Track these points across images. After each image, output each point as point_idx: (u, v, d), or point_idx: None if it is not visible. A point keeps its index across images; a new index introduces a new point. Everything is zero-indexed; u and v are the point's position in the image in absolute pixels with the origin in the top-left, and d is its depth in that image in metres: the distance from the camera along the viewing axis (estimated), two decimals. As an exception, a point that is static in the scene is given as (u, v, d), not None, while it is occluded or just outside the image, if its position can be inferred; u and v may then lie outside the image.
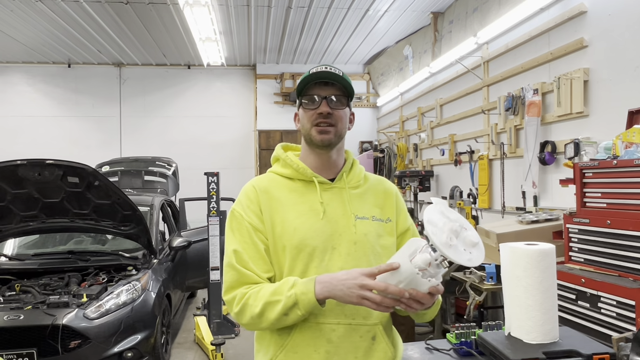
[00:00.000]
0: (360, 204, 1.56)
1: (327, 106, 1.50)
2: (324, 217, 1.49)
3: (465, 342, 1.76)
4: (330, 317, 1.44)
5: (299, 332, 1.45)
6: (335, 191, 1.55)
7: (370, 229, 1.53)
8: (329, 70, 1.51)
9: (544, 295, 1.54)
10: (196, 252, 5.64)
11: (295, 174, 1.56)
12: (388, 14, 6.97)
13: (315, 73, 1.51)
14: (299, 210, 1.50)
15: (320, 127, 1.50)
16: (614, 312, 2.56)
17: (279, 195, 1.53)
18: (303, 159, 1.59)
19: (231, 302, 1.46)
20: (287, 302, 1.36)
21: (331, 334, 1.44)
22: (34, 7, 6.55)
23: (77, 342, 3.65)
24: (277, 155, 1.63)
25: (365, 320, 1.47)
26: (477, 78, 5.69)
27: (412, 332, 4.76)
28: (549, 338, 1.55)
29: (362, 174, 1.63)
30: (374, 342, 1.48)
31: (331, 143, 1.52)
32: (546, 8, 4.42)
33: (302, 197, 1.53)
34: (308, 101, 1.52)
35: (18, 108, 9.68)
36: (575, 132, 4.00)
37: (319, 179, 1.54)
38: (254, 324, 1.44)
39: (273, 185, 1.56)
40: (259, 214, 1.51)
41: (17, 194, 4.13)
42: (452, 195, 5.89)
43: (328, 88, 1.51)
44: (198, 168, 8.29)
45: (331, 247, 1.47)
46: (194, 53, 8.98)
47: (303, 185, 1.55)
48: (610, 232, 2.75)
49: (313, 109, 1.51)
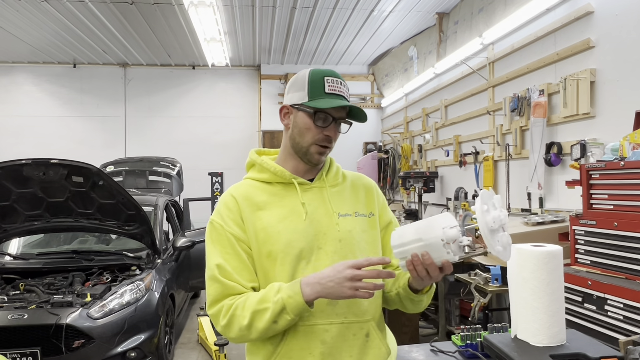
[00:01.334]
0: (341, 201, 1.55)
1: (335, 130, 1.50)
2: (306, 217, 1.48)
3: (471, 345, 1.75)
4: (322, 318, 1.42)
5: (291, 337, 1.42)
6: (315, 191, 1.53)
7: (355, 225, 1.52)
8: (343, 92, 1.48)
9: (551, 298, 1.52)
10: (200, 252, 5.63)
11: (274, 177, 1.53)
12: (393, 15, 6.96)
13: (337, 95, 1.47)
14: (280, 213, 1.48)
15: (322, 148, 1.49)
16: (621, 315, 2.53)
17: (259, 201, 1.50)
18: (281, 162, 1.56)
19: (217, 315, 1.41)
20: (275, 308, 1.33)
21: (324, 335, 1.42)
22: (39, 7, 6.58)
23: (80, 341, 3.65)
24: (252, 160, 1.60)
25: (358, 318, 1.46)
26: (482, 79, 5.66)
27: (416, 333, 4.74)
28: (556, 341, 1.53)
29: (340, 172, 1.63)
30: (368, 339, 1.47)
31: (324, 162, 1.56)
32: (552, 8, 4.39)
33: (282, 199, 1.51)
34: (322, 119, 1.47)
35: (23, 108, 9.72)
36: (582, 133, 3.97)
37: (299, 180, 1.53)
38: (243, 336, 1.39)
39: (252, 191, 1.53)
40: (240, 223, 1.47)
41: (21, 193, 4.14)
42: (457, 196, 5.86)
43: (341, 110, 1.49)
44: (202, 168, 8.33)
45: (317, 247, 1.46)
46: (199, 53, 8.99)
47: (282, 187, 1.53)
48: (617, 234, 2.72)
49: (322, 127, 1.48)
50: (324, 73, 1.49)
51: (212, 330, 5.11)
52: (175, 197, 6.93)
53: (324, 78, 1.47)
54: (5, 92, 9.71)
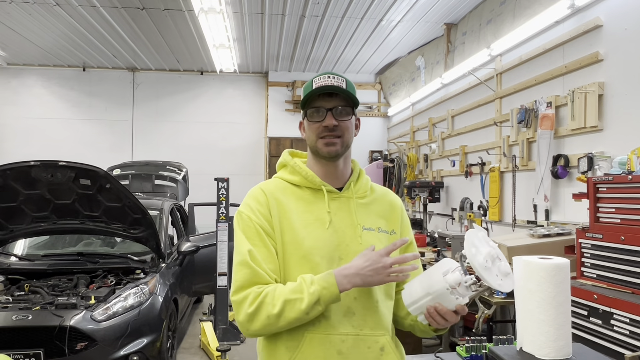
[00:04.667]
0: (366, 214, 1.55)
1: (333, 118, 1.49)
2: (329, 226, 1.48)
3: (476, 356, 1.74)
4: (339, 328, 1.43)
5: (308, 345, 1.42)
6: (342, 200, 1.54)
7: (376, 241, 1.52)
8: (332, 82, 1.48)
9: (557, 311, 1.51)
10: (204, 258, 5.64)
11: (304, 182, 1.54)
12: (401, 25, 6.99)
13: (320, 87, 1.49)
14: (306, 219, 1.49)
15: (327, 139, 1.50)
16: (627, 330, 2.52)
17: (287, 202, 1.51)
18: (310, 167, 1.58)
19: (242, 302, 1.39)
20: (311, 299, 1.35)
21: (341, 345, 1.42)
22: (51, 11, 6.65)
23: (83, 344, 3.66)
24: (284, 161, 1.61)
25: (373, 331, 1.46)
26: (489, 90, 5.67)
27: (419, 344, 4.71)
28: (562, 354, 1.52)
29: (368, 185, 1.63)
30: (383, 353, 1.46)
31: (338, 154, 1.52)
32: (561, 21, 4.40)
33: (309, 205, 1.52)
34: (313, 114, 1.51)
35: (33, 110, 9.80)
36: (589, 146, 3.96)
37: (328, 188, 1.53)
38: (269, 325, 1.37)
39: (281, 191, 1.54)
40: (268, 217, 1.49)
41: (29, 195, 4.16)
42: (463, 207, 5.85)
43: (333, 99, 1.50)
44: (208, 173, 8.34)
45: (338, 257, 1.46)
46: (207, 59, 9.05)
47: (311, 193, 1.54)
48: (624, 248, 2.71)
49: (319, 122, 1.50)
50: (316, 75, 1.53)
51: (214, 336, 5.11)
52: (180, 202, 6.95)
53: (313, 80, 1.51)
54: (15, 94, 9.80)
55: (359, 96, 1.56)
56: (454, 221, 6.32)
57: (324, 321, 1.42)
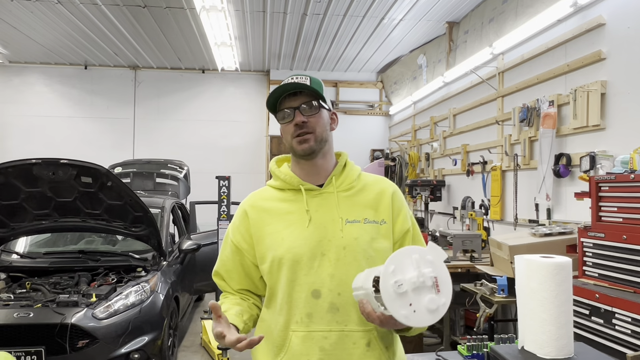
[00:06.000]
0: (350, 207, 1.54)
1: (301, 115, 1.51)
2: (310, 224, 1.49)
3: (477, 355, 1.74)
4: (322, 325, 1.44)
5: (293, 343, 1.45)
6: (324, 196, 1.54)
7: (362, 233, 1.50)
8: (293, 81, 1.52)
9: (559, 310, 1.51)
10: (205, 256, 5.65)
11: (284, 185, 1.58)
12: (403, 23, 6.97)
13: (281, 86, 1.52)
14: (288, 219, 1.52)
15: (299, 137, 1.51)
16: (628, 329, 2.51)
17: (270, 208, 1.56)
18: (293, 169, 1.61)
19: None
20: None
21: (323, 342, 1.43)
22: (53, 9, 6.65)
23: (85, 341, 3.66)
24: (270, 168, 1.67)
25: (360, 327, 1.45)
26: (491, 88, 5.65)
27: (420, 342, 4.72)
28: (564, 353, 1.51)
29: (355, 175, 1.60)
30: (369, 349, 1.46)
31: (313, 150, 1.53)
32: (564, 20, 4.39)
33: (292, 206, 1.54)
34: (282, 116, 1.54)
35: (34, 108, 9.80)
36: (591, 145, 3.95)
37: (306, 187, 1.55)
38: None
39: (265, 198, 1.60)
40: (244, 233, 1.58)
41: (30, 193, 4.16)
42: (464, 205, 5.84)
43: (297, 98, 1.53)
44: (209, 172, 8.35)
45: (320, 254, 1.47)
46: (209, 58, 9.05)
47: (293, 194, 1.56)
48: (626, 247, 2.70)
49: (289, 122, 1.53)
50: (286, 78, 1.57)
51: (215, 334, 5.11)
52: (182, 200, 6.96)
53: (282, 82, 1.55)
54: (17, 92, 9.81)
55: (360, 95, 1.58)
56: (455, 220, 6.31)
57: (306, 318, 1.44)
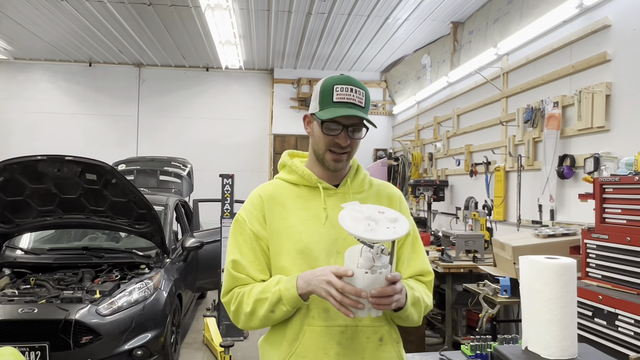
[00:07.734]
0: None
1: (348, 137, 1.51)
2: (326, 222, 1.52)
3: (481, 355, 1.74)
4: (339, 320, 1.46)
5: (309, 336, 1.46)
6: (339, 196, 1.58)
7: None
8: (354, 99, 1.49)
9: (563, 311, 1.51)
10: (208, 253, 5.66)
11: (301, 180, 1.59)
12: (407, 23, 6.97)
13: (345, 103, 1.48)
14: (303, 215, 1.54)
15: (336, 155, 1.52)
16: (632, 331, 2.51)
17: (284, 201, 1.57)
18: (309, 166, 1.62)
19: (228, 303, 1.52)
20: (273, 298, 1.42)
21: (341, 337, 1.46)
22: (58, 6, 6.67)
23: (88, 337, 3.68)
24: (283, 162, 1.66)
25: (372, 322, 1.49)
26: (495, 89, 5.65)
27: (422, 342, 4.72)
28: (567, 354, 1.52)
29: (366, 179, 1.66)
30: (381, 344, 1.50)
31: (343, 168, 1.57)
32: (569, 21, 4.38)
33: (306, 202, 1.56)
34: (328, 127, 1.50)
35: (39, 104, 9.84)
36: (596, 147, 3.95)
37: (324, 185, 1.57)
38: (247, 322, 1.49)
39: (279, 191, 1.59)
40: (261, 221, 1.55)
41: (35, 189, 4.19)
42: (467, 206, 5.84)
43: (351, 117, 1.50)
44: (213, 170, 8.36)
45: (336, 252, 1.50)
46: (213, 56, 9.06)
47: (308, 191, 1.58)
48: (629, 249, 2.70)
49: (333, 136, 1.51)
50: (335, 81, 1.52)
51: (217, 331, 5.13)
52: (185, 198, 6.97)
53: (334, 87, 1.50)
54: (22, 89, 9.84)
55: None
56: (458, 220, 6.31)
57: (323, 313, 1.46)
